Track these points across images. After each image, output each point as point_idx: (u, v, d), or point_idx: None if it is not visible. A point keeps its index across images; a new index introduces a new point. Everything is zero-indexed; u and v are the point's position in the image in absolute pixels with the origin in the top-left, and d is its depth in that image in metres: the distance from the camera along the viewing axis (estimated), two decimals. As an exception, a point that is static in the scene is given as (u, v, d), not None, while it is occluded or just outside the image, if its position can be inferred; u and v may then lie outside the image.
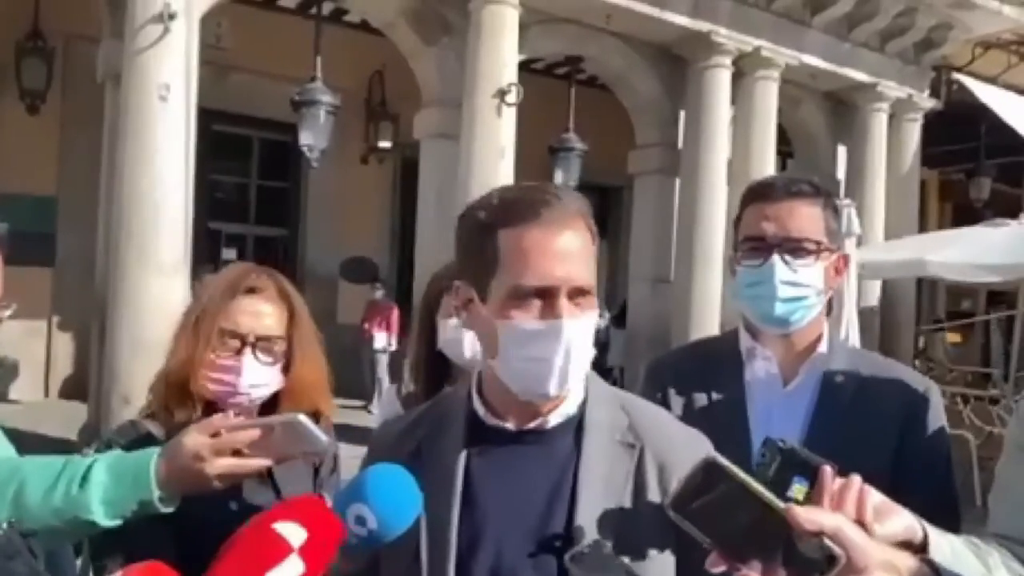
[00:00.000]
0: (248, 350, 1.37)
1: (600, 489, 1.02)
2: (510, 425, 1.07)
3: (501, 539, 1.02)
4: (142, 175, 5.78)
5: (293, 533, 0.94)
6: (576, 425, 1.07)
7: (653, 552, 1.01)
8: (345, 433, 1.63)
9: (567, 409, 1.08)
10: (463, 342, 1.78)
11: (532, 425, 1.07)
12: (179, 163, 5.88)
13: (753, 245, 1.40)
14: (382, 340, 9.43)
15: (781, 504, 0.79)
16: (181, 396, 1.37)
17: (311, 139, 7.60)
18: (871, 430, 1.34)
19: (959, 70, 11.25)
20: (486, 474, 1.06)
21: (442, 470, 1.07)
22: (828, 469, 0.87)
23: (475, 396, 1.11)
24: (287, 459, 1.30)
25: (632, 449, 1.06)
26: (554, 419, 1.07)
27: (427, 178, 8.21)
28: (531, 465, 1.05)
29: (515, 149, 7.48)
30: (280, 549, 0.93)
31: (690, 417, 1.33)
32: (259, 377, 1.37)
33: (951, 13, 10.05)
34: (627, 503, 1.03)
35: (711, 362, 1.48)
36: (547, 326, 1.01)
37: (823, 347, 1.43)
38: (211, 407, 1.38)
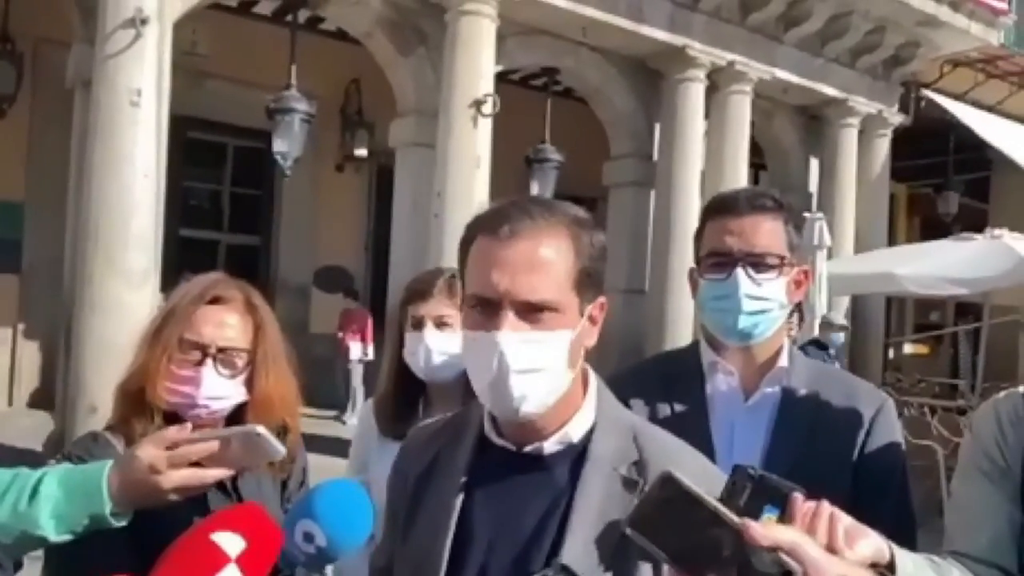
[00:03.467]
0: (209, 361, 1.34)
1: (591, 526, 0.98)
2: (512, 445, 1.04)
3: (487, 564, 1.01)
4: (111, 181, 5.69)
5: (231, 543, 0.92)
6: (578, 454, 1.02)
7: None
8: (316, 443, 1.62)
9: (567, 436, 1.03)
10: (418, 354, 1.80)
11: (529, 449, 1.03)
12: (150, 169, 5.80)
13: (717, 260, 1.41)
14: (357, 350, 9.36)
15: (737, 520, 0.79)
16: (138, 406, 1.34)
17: (285, 147, 7.55)
18: (830, 445, 1.36)
19: (927, 87, 11.47)
20: (484, 494, 1.04)
21: (447, 485, 1.06)
22: (799, 496, 0.87)
23: (486, 412, 1.06)
24: (245, 470, 1.28)
25: (634, 487, 0.99)
26: (552, 445, 1.02)
27: (402, 187, 8.18)
28: (527, 491, 1.02)
29: (491, 159, 7.49)
30: (217, 559, 0.91)
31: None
32: (219, 390, 1.34)
33: (919, 31, 10.26)
34: (617, 543, 0.96)
35: (673, 375, 1.49)
36: (479, 337, 0.99)
37: (783, 361, 1.45)
38: (172, 419, 1.34)
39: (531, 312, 0.97)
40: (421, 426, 1.26)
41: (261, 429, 1.17)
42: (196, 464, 1.17)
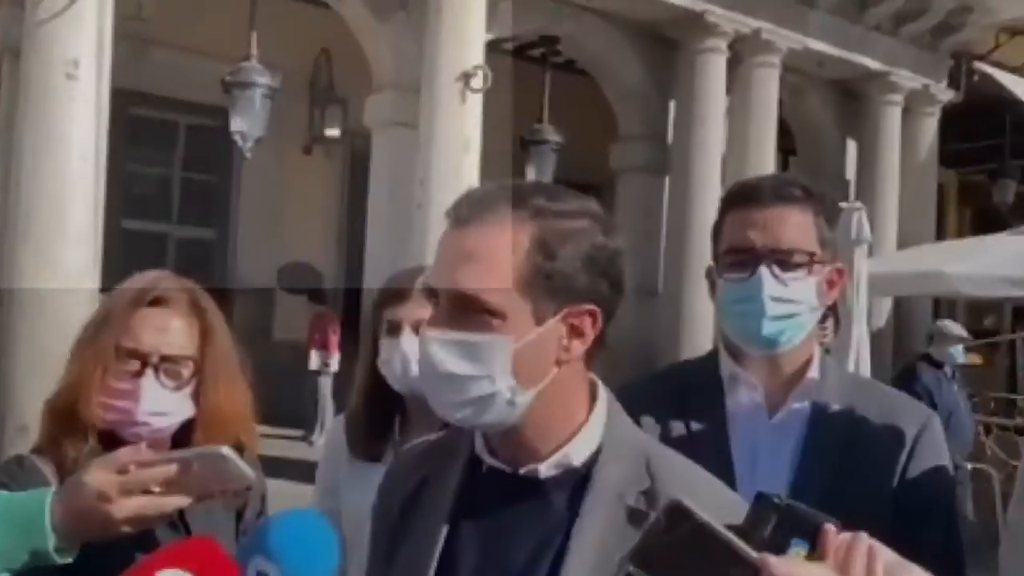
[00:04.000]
0: (150, 371, 1.34)
1: (590, 563, 0.97)
2: (506, 467, 1.05)
3: None
4: (44, 165, 5.68)
5: None
6: (580, 479, 1.02)
7: None
8: (280, 468, 1.62)
9: (567, 458, 1.03)
10: (395, 362, 1.80)
11: (524, 471, 1.03)
12: (88, 152, 5.79)
13: (738, 257, 1.41)
14: (316, 360, 9.32)
15: (755, 555, 0.79)
16: (70, 425, 1.33)
17: (244, 126, 7.54)
18: (867, 469, 1.36)
19: (981, 58, 11.51)
20: (473, 523, 1.04)
21: (433, 512, 1.07)
22: (831, 528, 0.87)
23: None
24: (208, 497, 1.28)
25: (642, 520, 0.95)
26: (548, 468, 1.03)
27: (380, 172, 8.20)
28: (520, 520, 1.02)
29: (481, 141, 7.49)
30: None
31: (664, 452, 1.33)
32: (161, 404, 1.34)
33: (971, -6, 10.31)
34: None
35: (689, 389, 1.49)
36: (419, 338, 1.03)
37: (814, 372, 1.45)
38: (109, 440, 1.35)
39: (462, 311, 0.98)
40: (409, 446, 1.26)
41: (227, 450, 1.17)
42: (150, 491, 1.16)
